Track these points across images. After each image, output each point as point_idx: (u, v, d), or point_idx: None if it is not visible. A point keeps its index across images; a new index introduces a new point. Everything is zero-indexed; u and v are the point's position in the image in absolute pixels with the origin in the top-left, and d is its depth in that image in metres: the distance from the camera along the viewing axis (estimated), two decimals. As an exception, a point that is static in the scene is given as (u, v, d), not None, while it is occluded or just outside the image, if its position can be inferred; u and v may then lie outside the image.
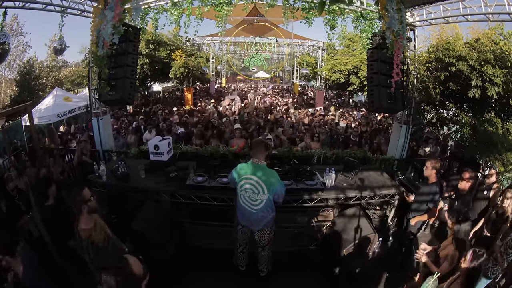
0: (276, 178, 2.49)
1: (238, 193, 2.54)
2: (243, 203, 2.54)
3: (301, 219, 3.54)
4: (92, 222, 2.08)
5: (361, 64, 10.58)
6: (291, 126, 7.21)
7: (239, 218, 2.66)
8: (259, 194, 2.44)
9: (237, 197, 2.58)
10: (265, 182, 2.42)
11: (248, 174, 2.46)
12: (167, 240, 2.93)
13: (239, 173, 2.52)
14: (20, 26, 13.71)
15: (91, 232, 2.04)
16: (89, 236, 2.03)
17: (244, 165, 2.55)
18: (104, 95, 3.82)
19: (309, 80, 18.13)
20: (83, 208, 2.02)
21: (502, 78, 4.61)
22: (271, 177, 2.46)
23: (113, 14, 2.64)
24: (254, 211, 2.51)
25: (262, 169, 2.46)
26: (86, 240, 2.02)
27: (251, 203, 2.50)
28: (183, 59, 10.75)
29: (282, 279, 2.90)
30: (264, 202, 2.47)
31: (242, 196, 2.52)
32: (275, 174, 2.51)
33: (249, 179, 2.45)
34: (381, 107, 3.90)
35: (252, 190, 2.46)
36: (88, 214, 2.05)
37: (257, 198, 2.46)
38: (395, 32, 3.20)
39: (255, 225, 2.60)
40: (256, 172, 2.43)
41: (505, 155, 4.48)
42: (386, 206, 3.58)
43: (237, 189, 2.54)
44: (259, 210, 2.50)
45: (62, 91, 9.85)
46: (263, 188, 2.42)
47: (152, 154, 3.62)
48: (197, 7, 4.41)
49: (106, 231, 2.16)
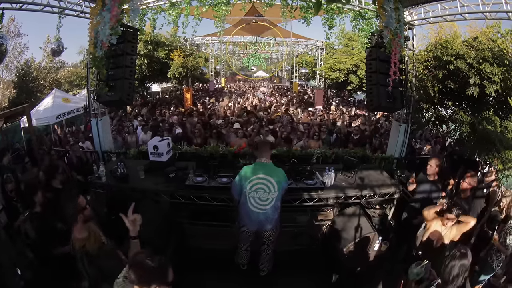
0: (284, 174, 2.59)
1: (247, 196, 2.51)
2: (251, 206, 2.53)
3: (301, 218, 3.55)
4: (87, 231, 2.03)
5: (361, 62, 10.58)
6: (290, 123, 7.19)
7: (246, 222, 2.63)
8: (270, 192, 2.49)
9: (244, 200, 2.55)
10: (275, 180, 2.49)
11: (258, 174, 2.48)
12: (166, 241, 2.91)
13: (246, 176, 2.51)
14: (17, 27, 13.67)
15: (85, 242, 1.99)
16: (83, 246, 1.98)
17: (250, 167, 2.56)
18: (102, 96, 3.81)
19: (308, 79, 18.14)
20: (79, 217, 1.98)
21: (500, 76, 4.62)
22: (280, 174, 2.54)
23: (110, 15, 2.63)
24: (264, 211, 2.53)
25: (271, 167, 2.52)
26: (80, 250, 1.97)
27: (261, 203, 2.51)
28: (181, 58, 10.74)
29: (283, 279, 2.90)
30: (274, 200, 2.52)
31: (251, 198, 2.51)
32: (282, 171, 2.60)
33: (261, 179, 2.48)
34: (380, 105, 3.90)
35: (263, 189, 2.48)
36: (83, 223, 2.01)
37: (268, 197, 2.50)
38: (393, 31, 3.21)
39: (264, 226, 2.60)
40: (267, 171, 2.49)
41: (503, 153, 4.50)
42: (386, 204, 3.59)
43: (245, 192, 2.51)
44: (269, 209, 2.53)
45: (60, 92, 9.80)
46: (274, 186, 2.48)
47: (152, 155, 3.61)
48: (195, 7, 4.40)
49: (101, 240, 2.10)
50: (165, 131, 5.99)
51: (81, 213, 2.00)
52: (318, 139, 5.46)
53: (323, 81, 13.10)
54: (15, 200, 3.02)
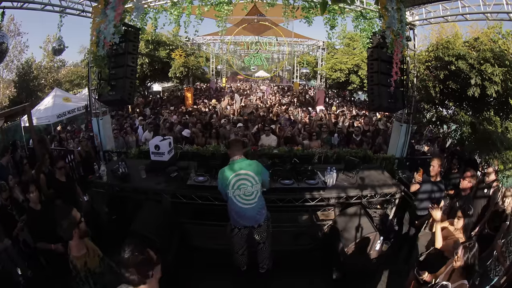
0: (260, 165, 2.63)
1: (231, 196, 2.54)
2: (238, 203, 2.55)
3: (302, 218, 3.55)
4: (84, 248, 1.99)
5: (362, 62, 10.58)
6: (290, 123, 7.20)
7: (235, 220, 2.63)
8: (252, 185, 2.53)
9: (230, 201, 2.57)
10: (254, 171, 2.53)
11: (236, 171, 2.51)
12: (167, 242, 2.91)
13: (224, 178, 2.54)
14: (17, 26, 13.67)
15: (85, 259, 1.95)
16: (85, 264, 1.94)
17: (224, 168, 2.58)
18: (104, 95, 3.81)
19: (309, 79, 18.13)
20: (75, 233, 1.91)
21: (501, 77, 4.63)
22: (256, 165, 2.58)
23: (115, 14, 2.63)
24: (251, 206, 2.55)
25: (245, 162, 2.56)
26: (83, 269, 1.93)
27: (246, 199, 2.54)
28: (182, 58, 10.73)
29: (284, 279, 2.91)
30: (258, 193, 2.57)
31: (236, 196, 2.54)
32: (257, 162, 2.65)
33: (239, 175, 2.51)
34: (381, 106, 3.91)
35: (245, 185, 2.52)
36: (79, 239, 1.96)
37: (252, 191, 2.54)
38: (395, 31, 3.21)
39: (253, 222, 2.61)
40: (242, 166, 2.53)
41: (504, 153, 4.50)
42: (387, 205, 3.59)
43: (229, 193, 2.54)
44: (255, 203, 2.56)
45: (61, 92, 9.81)
46: (254, 178, 2.52)
47: (153, 154, 3.60)
48: (197, 6, 4.39)
49: (98, 254, 2.08)
50: (165, 129, 5.99)
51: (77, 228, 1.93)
52: (317, 138, 5.46)
53: (324, 81, 13.10)
54: (10, 208, 2.94)
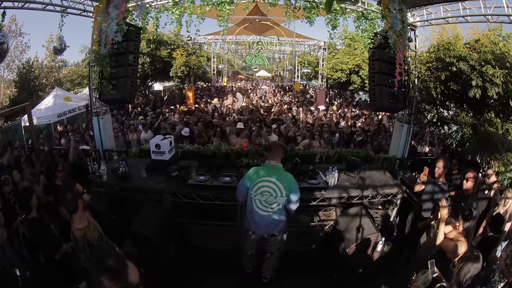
0: (295, 183, 2.41)
1: (252, 198, 2.40)
2: (256, 208, 2.41)
3: (304, 218, 3.54)
4: (86, 221, 2.12)
5: (363, 63, 10.58)
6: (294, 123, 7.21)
7: (250, 225, 2.51)
8: (277, 197, 2.35)
9: (249, 201, 2.44)
10: (284, 185, 2.35)
11: (265, 176, 2.36)
12: (168, 241, 2.90)
13: (252, 177, 2.40)
14: (18, 27, 13.66)
15: (85, 230, 2.08)
16: (84, 235, 2.06)
17: (258, 168, 2.44)
18: (105, 94, 3.81)
19: (310, 79, 18.14)
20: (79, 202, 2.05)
21: (502, 79, 4.64)
22: (290, 180, 2.39)
23: (118, 12, 2.63)
24: (269, 214, 2.40)
25: (280, 171, 2.40)
26: (82, 239, 2.04)
27: (267, 206, 2.39)
28: (184, 57, 10.74)
29: (285, 279, 2.90)
30: (279, 206, 2.39)
31: (257, 200, 2.39)
32: (293, 178, 2.43)
33: (267, 181, 2.35)
34: (383, 106, 3.91)
35: (269, 193, 2.35)
36: (83, 211, 2.09)
37: (274, 201, 2.36)
38: (397, 31, 3.21)
39: (268, 230, 2.47)
40: (275, 174, 2.36)
41: (505, 155, 4.50)
42: (389, 205, 3.58)
43: (250, 194, 2.41)
44: (274, 213, 2.40)
45: (62, 91, 9.80)
46: (282, 191, 2.34)
47: (154, 153, 3.59)
48: (198, 6, 4.39)
49: (98, 230, 2.21)
50: (168, 129, 5.99)
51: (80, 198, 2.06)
52: (319, 137, 5.45)
53: (325, 81, 13.10)
54: (13, 202, 3.01)
